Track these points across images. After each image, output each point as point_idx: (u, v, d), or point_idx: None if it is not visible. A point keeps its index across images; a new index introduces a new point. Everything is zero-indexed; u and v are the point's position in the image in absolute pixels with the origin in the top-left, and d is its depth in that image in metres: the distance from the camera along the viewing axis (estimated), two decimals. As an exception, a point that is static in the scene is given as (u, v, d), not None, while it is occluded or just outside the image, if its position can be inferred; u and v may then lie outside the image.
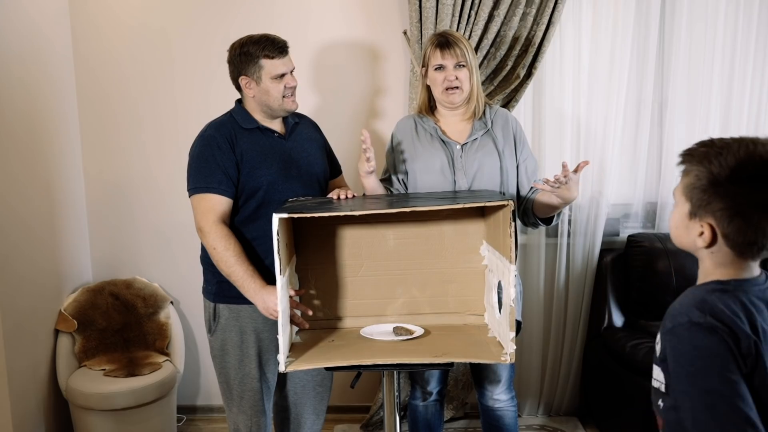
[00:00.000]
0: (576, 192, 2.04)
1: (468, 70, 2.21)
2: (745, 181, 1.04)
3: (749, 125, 3.04)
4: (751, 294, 1.12)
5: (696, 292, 1.14)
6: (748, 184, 1.04)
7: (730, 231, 1.09)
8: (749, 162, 1.03)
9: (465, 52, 2.20)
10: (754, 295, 1.13)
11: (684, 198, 1.17)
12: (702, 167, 1.10)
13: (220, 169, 2.10)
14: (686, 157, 1.18)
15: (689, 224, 1.16)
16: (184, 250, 3.11)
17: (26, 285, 2.68)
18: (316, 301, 2.13)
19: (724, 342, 1.05)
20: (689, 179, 1.15)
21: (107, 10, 3.06)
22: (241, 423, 2.26)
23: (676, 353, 1.09)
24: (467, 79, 2.22)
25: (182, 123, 3.07)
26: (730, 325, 1.07)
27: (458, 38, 2.22)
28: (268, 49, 2.11)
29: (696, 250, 1.18)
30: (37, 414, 2.76)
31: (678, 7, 2.96)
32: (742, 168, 1.04)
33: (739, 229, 1.08)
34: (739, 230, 1.08)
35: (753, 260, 1.13)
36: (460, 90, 2.21)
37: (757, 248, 1.09)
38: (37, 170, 2.80)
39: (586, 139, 3.03)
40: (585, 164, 2.00)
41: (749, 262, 1.14)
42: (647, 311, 2.92)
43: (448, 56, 2.20)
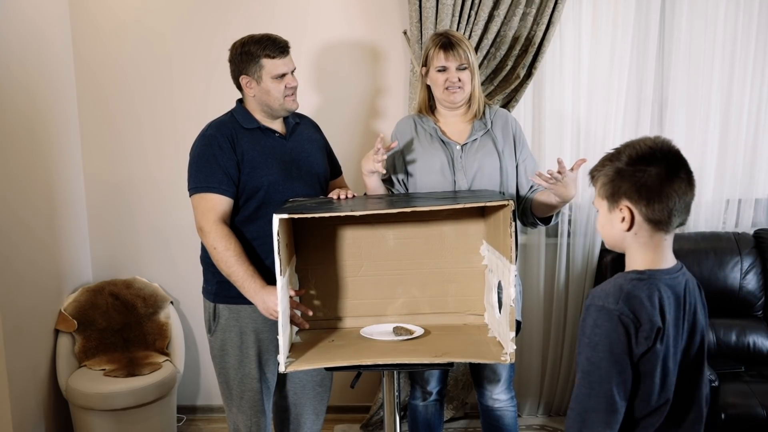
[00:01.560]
0: (573, 190, 2.04)
1: (470, 72, 2.22)
2: (641, 162, 1.27)
3: (749, 125, 3.04)
4: (663, 282, 1.29)
5: (618, 280, 1.30)
6: (644, 163, 1.27)
7: (641, 203, 1.28)
8: (641, 150, 1.28)
9: (467, 54, 2.20)
10: (666, 283, 1.30)
11: (600, 199, 1.35)
12: (607, 168, 1.31)
13: (220, 169, 2.10)
14: (593, 171, 1.38)
15: (611, 217, 1.34)
16: (184, 250, 3.11)
17: (26, 285, 2.68)
18: (316, 301, 2.13)
19: (623, 327, 1.24)
20: (600, 182, 1.34)
21: (107, 11, 3.06)
22: (241, 423, 2.26)
23: (583, 326, 1.29)
24: (469, 81, 2.23)
25: (182, 123, 3.07)
26: (636, 312, 1.25)
27: (460, 39, 2.22)
28: (269, 48, 2.11)
29: (623, 241, 1.34)
30: (37, 414, 2.76)
31: (678, 7, 2.96)
32: (637, 155, 1.28)
33: (648, 200, 1.27)
34: (648, 200, 1.27)
35: (667, 232, 1.31)
36: (461, 89, 2.22)
37: (667, 214, 1.28)
38: (37, 171, 2.80)
39: (586, 139, 3.03)
40: (582, 162, 2.01)
41: (664, 244, 1.32)
42: (647, 311, 2.92)
43: (451, 58, 2.20)
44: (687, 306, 1.32)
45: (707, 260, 2.87)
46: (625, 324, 1.24)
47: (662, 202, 1.27)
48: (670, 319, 1.28)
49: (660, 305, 1.27)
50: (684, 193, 1.28)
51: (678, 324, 1.30)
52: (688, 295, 1.33)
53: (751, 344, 2.81)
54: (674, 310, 1.29)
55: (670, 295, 1.29)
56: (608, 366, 1.25)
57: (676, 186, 1.27)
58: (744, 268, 2.87)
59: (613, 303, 1.26)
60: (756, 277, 2.87)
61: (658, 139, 1.30)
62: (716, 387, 2.51)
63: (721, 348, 2.81)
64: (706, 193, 3.06)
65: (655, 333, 1.25)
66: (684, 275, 1.35)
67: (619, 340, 1.24)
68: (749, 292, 2.87)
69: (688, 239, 2.95)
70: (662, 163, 1.27)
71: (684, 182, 1.27)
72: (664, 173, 1.26)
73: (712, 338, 2.83)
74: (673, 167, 1.27)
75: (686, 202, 1.29)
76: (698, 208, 3.08)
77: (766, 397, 2.48)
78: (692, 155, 3.04)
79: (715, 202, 3.09)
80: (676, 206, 1.28)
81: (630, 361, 1.25)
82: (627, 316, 1.25)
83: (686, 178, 1.28)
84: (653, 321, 1.25)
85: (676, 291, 1.31)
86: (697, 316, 1.34)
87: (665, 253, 1.33)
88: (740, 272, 2.87)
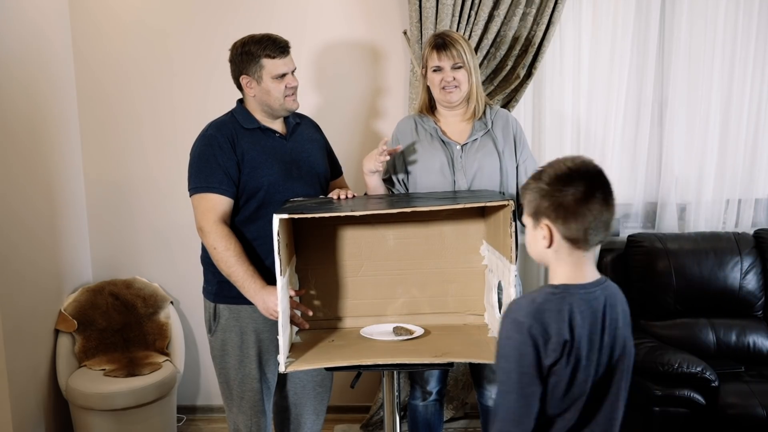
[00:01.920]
0: None
1: (466, 71, 2.22)
2: (559, 182, 1.34)
3: (749, 125, 3.04)
4: (578, 297, 1.35)
5: (534, 294, 1.37)
6: (562, 183, 1.33)
7: (558, 222, 1.34)
8: (560, 170, 1.35)
9: (462, 53, 2.20)
10: (581, 298, 1.35)
11: (528, 217, 1.41)
12: (531, 187, 1.39)
13: (221, 169, 2.10)
14: (522, 188, 1.47)
15: (535, 234, 1.40)
16: (184, 250, 3.11)
17: (26, 285, 2.68)
18: (316, 301, 2.13)
19: (531, 340, 1.30)
20: (526, 199, 1.40)
21: (107, 10, 3.06)
22: (241, 423, 2.26)
23: (499, 335, 1.37)
24: (465, 80, 2.22)
25: (182, 123, 3.07)
26: (545, 326, 1.31)
27: (455, 39, 2.22)
28: (270, 48, 2.11)
29: (546, 257, 1.40)
30: (37, 414, 2.76)
31: (678, 7, 2.96)
32: (556, 175, 1.34)
33: (564, 219, 1.33)
34: (564, 220, 1.33)
35: (586, 250, 1.36)
36: (458, 89, 2.22)
37: (583, 233, 1.33)
38: (37, 171, 2.80)
39: (586, 139, 3.03)
40: None
41: (583, 260, 1.37)
42: (647, 311, 2.92)
43: (444, 58, 2.21)
44: (607, 320, 1.37)
45: (707, 260, 2.87)
46: (533, 337, 1.30)
47: (578, 221, 1.32)
48: (582, 333, 1.33)
49: (570, 319, 1.32)
50: (599, 212, 1.32)
51: (594, 338, 1.35)
52: (609, 309, 1.38)
53: (751, 344, 2.81)
54: (589, 324, 1.34)
55: (585, 309, 1.35)
56: (517, 377, 1.32)
57: (591, 206, 1.32)
58: (744, 268, 2.87)
59: (524, 316, 1.32)
60: (756, 277, 2.87)
61: (577, 159, 1.37)
62: (716, 387, 2.51)
63: (721, 348, 2.81)
64: (706, 193, 3.06)
65: (562, 346, 1.31)
66: (604, 290, 1.39)
67: (528, 353, 1.31)
68: (749, 292, 2.87)
69: (688, 239, 2.94)
70: (579, 184, 1.32)
71: (599, 202, 1.32)
72: (580, 194, 1.32)
73: (634, 352, 2.82)
74: (590, 188, 1.32)
75: (603, 221, 1.33)
76: (698, 208, 3.08)
77: (766, 397, 2.48)
78: (692, 155, 3.06)
79: (715, 202, 3.09)
80: (592, 225, 1.33)
81: (539, 373, 1.32)
82: (536, 329, 1.31)
83: (602, 198, 1.33)
84: (561, 334, 1.31)
85: (592, 305, 1.36)
86: (618, 331, 1.39)
87: (585, 268, 1.39)
88: (740, 272, 2.87)
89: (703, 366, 2.51)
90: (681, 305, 2.87)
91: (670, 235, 2.99)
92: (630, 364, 1.43)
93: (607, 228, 1.35)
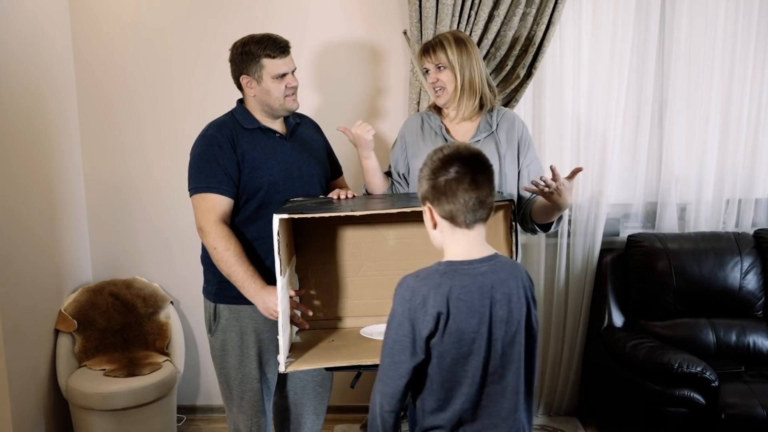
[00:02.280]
0: (569, 199, 2.01)
1: (451, 72, 2.21)
2: (437, 167, 1.46)
3: (749, 125, 3.04)
4: (459, 273, 1.45)
5: (421, 270, 1.48)
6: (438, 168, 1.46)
7: (435, 202, 1.46)
8: (438, 157, 1.48)
9: (444, 54, 2.19)
10: (464, 273, 1.45)
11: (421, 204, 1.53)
12: (420, 176, 1.51)
13: (221, 169, 2.10)
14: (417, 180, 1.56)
15: (426, 218, 1.52)
16: (184, 250, 3.11)
17: (26, 285, 2.68)
18: (316, 301, 2.13)
19: (409, 312, 1.42)
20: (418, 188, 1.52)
21: (107, 10, 3.06)
22: (241, 423, 2.26)
23: (392, 304, 1.48)
24: (450, 81, 2.21)
25: (182, 123, 3.07)
26: (424, 299, 1.42)
27: (441, 40, 2.22)
28: (270, 48, 2.11)
29: (437, 239, 1.52)
30: (37, 414, 2.76)
31: (678, 7, 2.96)
32: (435, 161, 1.47)
33: (439, 198, 1.45)
34: (439, 199, 1.45)
35: (466, 227, 1.46)
36: (444, 90, 2.23)
37: (456, 210, 1.44)
38: (37, 171, 2.80)
39: (586, 139, 3.03)
40: (578, 170, 1.99)
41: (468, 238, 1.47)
42: (647, 311, 2.92)
43: (427, 61, 2.23)
44: (497, 294, 1.45)
45: (707, 260, 2.87)
46: (412, 309, 1.42)
47: (449, 201, 1.44)
48: (461, 307, 1.42)
49: (448, 293, 1.42)
50: (466, 192, 1.43)
51: (483, 311, 1.44)
52: (499, 284, 1.46)
53: (751, 344, 2.81)
54: (475, 298, 1.43)
55: (469, 283, 1.44)
56: (390, 343, 1.45)
57: (460, 186, 1.43)
58: (744, 268, 2.87)
59: (406, 289, 1.45)
60: (756, 277, 2.87)
61: (454, 145, 1.51)
62: (716, 387, 2.51)
63: (721, 348, 2.81)
64: (706, 193, 3.06)
65: (436, 318, 1.41)
66: (493, 265, 1.48)
67: (404, 323, 1.43)
68: (749, 292, 2.87)
69: (688, 239, 2.95)
70: (451, 167, 1.44)
71: (467, 182, 1.43)
72: (451, 176, 1.44)
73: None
74: (459, 170, 1.44)
75: (475, 199, 1.44)
76: (698, 208, 3.08)
77: (766, 397, 2.48)
78: (692, 155, 3.06)
79: (715, 202, 3.09)
80: (463, 204, 1.44)
81: (413, 343, 1.43)
82: (414, 302, 1.42)
83: (471, 178, 1.44)
84: (436, 306, 1.41)
85: (478, 280, 1.44)
86: (512, 305, 1.46)
87: (472, 247, 1.48)
88: (740, 272, 2.87)
89: (703, 366, 2.51)
90: (681, 305, 2.87)
91: (670, 235, 2.99)
92: (534, 335, 1.52)
93: (480, 206, 1.45)
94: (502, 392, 1.47)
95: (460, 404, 1.46)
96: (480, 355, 1.44)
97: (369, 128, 2.22)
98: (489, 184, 1.47)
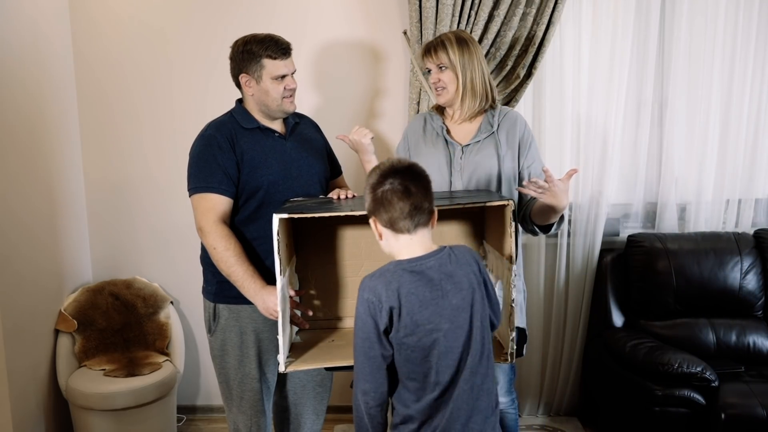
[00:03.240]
0: (564, 200, 1.99)
1: (452, 72, 2.21)
2: (375, 183, 1.57)
3: (749, 125, 3.04)
4: (408, 269, 1.55)
5: (377, 270, 1.58)
6: (376, 183, 1.57)
7: (376, 213, 1.57)
8: (375, 173, 1.59)
9: (445, 55, 2.20)
10: (412, 269, 1.55)
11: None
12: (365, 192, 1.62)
13: (220, 169, 2.10)
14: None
15: (374, 232, 1.62)
16: (184, 250, 3.11)
17: (26, 285, 2.68)
18: (316, 301, 2.13)
19: (369, 309, 1.53)
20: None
21: (107, 10, 3.06)
22: (241, 423, 2.26)
23: (356, 305, 1.57)
24: (451, 81, 2.22)
25: (182, 123, 3.07)
26: (378, 296, 1.52)
27: (443, 40, 2.22)
28: (272, 49, 2.11)
29: (385, 248, 1.62)
30: (37, 414, 2.76)
31: (678, 7, 2.96)
32: (372, 177, 1.58)
33: (378, 210, 1.57)
34: (379, 211, 1.57)
35: (408, 233, 1.57)
36: (445, 90, 2.23)
37: (395, 218, 1.55)
38: (37, 170, 2.80)
39: (586, 139, 3.03)
40: (573, 172, 1.98)
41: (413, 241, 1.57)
42: (647, 311, 2.92)
43: (429, 60, 2.24)
44: (448, 284, 1.56)
45: (707, 260, 2.87)
46: (371, 306, 1.53)
47: (387, 211, 1.56)
48: (412, 300, 1.52)
49: (398, 288, 1.52)
50: (400, 199, 1.55)
51: (438, 302, 1.54)
52: (448, 276, 1.56)
53: (751, 344, 2.81)
54: (426, 291, 1.54)
55: (419, 278, 1.54)
56: (360, 342, 1.55)
57: (394, 196, 1.55)
58: (744, 268, 2.87)
59: (363, 289, 1.55)
60: (756, 277, 2.87)
61: (390, 161, 1.61)
62: (716, 387, 2.51)
63: (721, 348, 2.81)
64: (706, 193, 3.07)
65: (389, 312, 1.52)
66: (440, 258, 1.58)
67: (367, 321, 1.53)
68: (749, 292, 2.87)
69: (688, 239, 2.95)
70: (386, 180, 1.56)
71: (399, 192, 1.54)
72: (386, 188, 1.56)
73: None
74: (392, 182, 1.55)
75: (412, 206, 1.55)
76: (698, 208, 3.08)
77: (766, 397, 2.48)
78: (692, 155, 3.06)
79: (715, 202, 3.09)
80: (399, 212, 1.55)
81: (379, 338, 1.54)
82: (371, 301, 1.53)
83: (402, 188, 1.55)
84: (389, 301, 1.51)
85: (426, 274, 1.55)
86: (464, 293, 1.56)
87: (416, 247, 1.58)
88: (740, 272, 2.87)
89: (703, 366, 2.52)
90: (681, 305, 2.87)
91: (670, 235, 2.99)
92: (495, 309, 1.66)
93: (417, 212, 1.56)
94: (471, 376, 1.55)
95: (431, 394, 1.54)
96: (442, 344, 1.53)
97: (366, 132, 2.24)
98: (423, 191, 1.57)
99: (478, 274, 1.61)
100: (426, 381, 1.54)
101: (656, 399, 2.51)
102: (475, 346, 1.55)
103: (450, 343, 1.54)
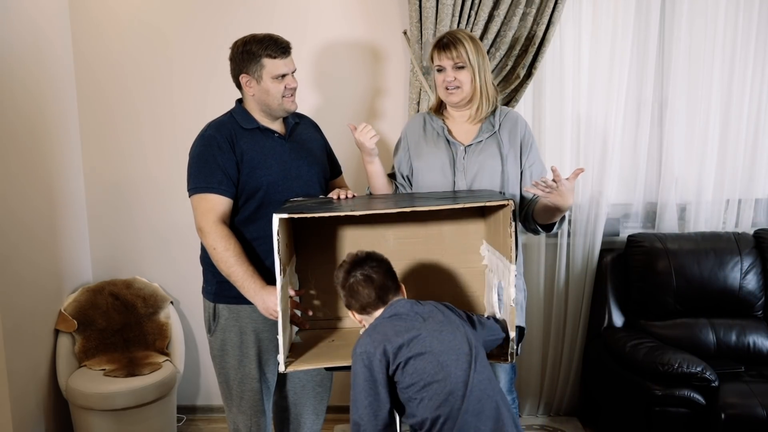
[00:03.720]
0: (570, 200, 1.99)
1: (469, 71, 2.18)
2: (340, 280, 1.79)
3: (749, 125, 3.04)
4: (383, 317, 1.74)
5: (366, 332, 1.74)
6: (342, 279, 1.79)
7: (351, 306, 1.79)
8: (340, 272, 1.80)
9: (465, 53, 2.16)
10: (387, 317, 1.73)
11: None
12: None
13: (220, 170, 2.10)
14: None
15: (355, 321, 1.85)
16: (184, 250, 3.11)
17: (26, 285, 2.68)
18: (316, 301, 2.13)
19: (364, 365, 1.67)
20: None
21: (107, 10, 3.06)
22: (241, 423, 2.26)
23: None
24: (468, 80, 2.19)
25: (182, 123, 3.07)
26: (369, 354, 1.67)
27: (459, 38, 2.18)
28: (271, 48, 2.11)
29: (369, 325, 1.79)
30: (37, 414, 2.76)
31: (678, 7, 2.96)
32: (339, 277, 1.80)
33: (350, 300, 1.78)
34: (351, 301, 1.78)
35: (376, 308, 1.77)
36: (459, 89, 2.20)
37: (365, 304, 1.76)
38: (37, 170, 2.80)
39: (586, 139, 3.03)
40: (580, 171, 1.97)
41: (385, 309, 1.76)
42: (647, 311, 2.92)
43: (445, 58, 2.18)
44: (423, 316, 1.73)
45: (707, 260, 2.87)
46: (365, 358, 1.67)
47: (357, 299, 1.76)
48: (401, 340, 1.66)
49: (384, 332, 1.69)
50: (364, 287, 1.75)
51: (417, 327, 1.69)
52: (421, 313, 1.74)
53: (751, 344, 2.81)
54: (405, 322, 1.71)
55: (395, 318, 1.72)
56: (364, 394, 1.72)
57: (359, 285, 1.75)
58: (744, 268, 2.87)
59: (356, 349, 1.70)
60: (756, 277, 2.87)
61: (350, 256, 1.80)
62: (716, 387, 2.51)
63: (721, 348, 2.81)
64: (706, 193, 3.07)
65: (383, 352, 1.66)
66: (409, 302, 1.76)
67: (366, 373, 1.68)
68: (749, 292, 2.87)
69: (688, 239, 2.95)
70: (350, 274, 1.76)
71: (362, 280, 1.75)
72: (351, 280, 1.76)
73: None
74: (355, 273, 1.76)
75: (375, 288, 1.75)
76: (698, 208, 3.08)
77: (766, 397, 2.48)
78: (692, 155, 3.06)
79: (715, 202, 3.09)
80: (367, 296, 1.75)
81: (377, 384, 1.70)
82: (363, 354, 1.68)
83: (365, 277, 1.75)
84: (380, 345, 1.66)
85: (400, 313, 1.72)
86: (438, 317, 1.74)
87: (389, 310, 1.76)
88: (740, 272, 2.87)
89: (703, 366, 2.52)
90: (681, 305, 2.87)
91: (670, 235, 2.99)
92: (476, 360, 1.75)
93: (383, 291, 1.75)
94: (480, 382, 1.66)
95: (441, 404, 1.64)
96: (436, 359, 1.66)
97: (372, 135, 2.16)
98: (384, 273, 1.76)
99: (452, 311, 1.80)
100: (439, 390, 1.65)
101: (656, 399, 2.51)
102: (464, 352, 1.68)
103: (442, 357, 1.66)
